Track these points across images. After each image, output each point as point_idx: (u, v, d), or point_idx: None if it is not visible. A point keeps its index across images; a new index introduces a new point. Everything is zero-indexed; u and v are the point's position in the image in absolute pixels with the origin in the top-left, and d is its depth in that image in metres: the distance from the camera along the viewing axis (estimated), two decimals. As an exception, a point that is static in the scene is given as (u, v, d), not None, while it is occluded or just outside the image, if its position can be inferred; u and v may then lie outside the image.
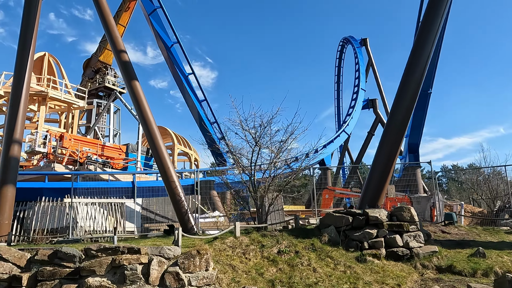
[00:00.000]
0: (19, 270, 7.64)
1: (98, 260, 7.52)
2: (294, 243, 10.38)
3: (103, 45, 43.28)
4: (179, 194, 13.59)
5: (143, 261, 7.68)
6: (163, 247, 8.07)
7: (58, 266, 7.58)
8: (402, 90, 12.34)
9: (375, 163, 12.35)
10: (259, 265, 9.38)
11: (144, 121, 14.64)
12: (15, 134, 15.87)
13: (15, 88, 16.33)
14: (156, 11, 24.12)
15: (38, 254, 7.76)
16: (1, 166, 15.62)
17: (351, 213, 11.00)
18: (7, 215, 15.20)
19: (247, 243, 10.24)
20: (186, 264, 7.87)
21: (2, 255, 7.65)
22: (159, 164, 14.11)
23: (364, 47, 55.74)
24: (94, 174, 26.48)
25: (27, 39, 16.65)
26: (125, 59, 15.64)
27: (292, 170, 13.22)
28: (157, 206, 24.09)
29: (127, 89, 15.45)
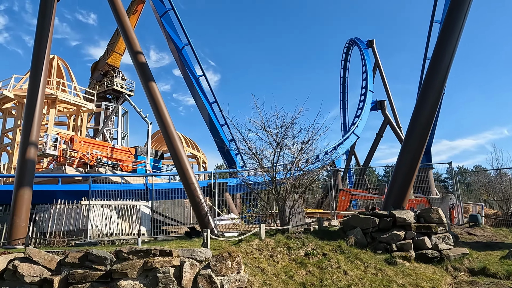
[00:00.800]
0: (50, 273, 7.52)
1: (130, 262, 7.39)
2: (321, 245, 10.21)
3: (111, 48, 43.36)
4: (199, 196, 13.45)
5: (175, 264, 7.55)
6: (194, 249, 7.93)
7: (89, 269, 7.46)
8: (426, 89, 12.18)
9: (399, 165, 12.18)
10: (288, 267, 9.22)
11: (162, 122, 14.53)
12: (31, 137, 15.83)
13: (31, 91, 16.29)
14: (167, 13, 24.11)
15: (68, 256, 7.63)
16: (18, 168, 15.58)
17: (377, 215, 10.82)
18: (24, 218, 15.14)
19: (273, 245, 10.09)
20: (218, 267, 7.72)
21: (32, 257, 7.53)
22: (178, 165, 13.98)
23: (370, 49, 55.57)
24: (105, 177, 26.45)
25: (42, 43, 16.63)
26: (141, 60, 15.57)
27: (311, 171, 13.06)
28: (167, 208, 24.01)
29: (144, 90, 15.35)
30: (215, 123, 28.72)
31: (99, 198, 17.45)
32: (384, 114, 43.80)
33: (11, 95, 31.79)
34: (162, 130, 14.59)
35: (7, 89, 31.72)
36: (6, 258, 7.64)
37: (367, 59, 52.45)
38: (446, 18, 12.70)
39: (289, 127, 11.81)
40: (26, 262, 7.48)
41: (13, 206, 15.03)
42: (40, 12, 17.17)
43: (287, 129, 11.78)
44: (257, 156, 12.38)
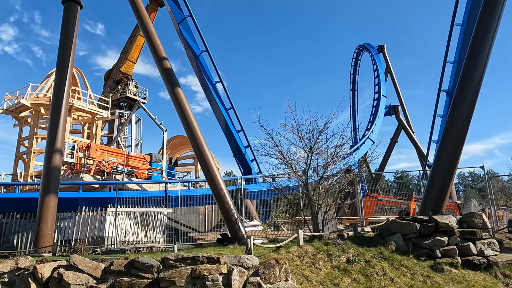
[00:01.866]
0: (95, 281, 7.35)
1: (178, 270, 7.19)
2: (362, 252, 9.93)
3: (124, 56, 43.70)
4: (228, 202, 13.25)
5: (223, 271, 7.34)
6: (241, 256, 7.71)
7: (135, 277, 7.27)
8: (461, 92, 11.93)
9: (435, 169, 11.89)
10: (331, 275, 8.96)
11: (188, 127, 14.41)
12: (56, 144, 15.81)
13: (55, 98, 16.33)
14: (185, 20, 24.21)
15: (113, 264, 7.46)
16: (43, 175, 15.54)
17: (418, 220, 10.53)
18: (50, 225, 15.05)
19: (313, 252, 9.84)
20: (267, 275, 7.49)
21: (77, 265, 7.37)
22: (206, 171, 13.82)
23: (381, 54, 55.39)
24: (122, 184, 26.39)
25: (67, 50, 16.72)
26: (166, 66, 15.54)
27: (343, 175, 12.82)
28: (182, 215, 23.80)
29: (169, 95, 15.30)
30: (231, 129, 28.60)
31: (123, 206, 17.31)
32: (398, 119, 43.43)
33: (28, 104, 32.00)
34: (189, 135, 14.47)
35: (24, 97, 31.96)
36: (51, 266, 7.49)
37: (378, 64, 52.24)
38: (479, 20, 12.50)
39: (323, 130, 11.59)
40: (71, 270, 7.32)
41: (39, 213, 14.96)
42: (63, 20, 17.30)
43: (321, 132, 11.57)
44: (288, 161, 12.16)
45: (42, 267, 7.31)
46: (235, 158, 31.56)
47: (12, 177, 32.77)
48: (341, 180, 12.36)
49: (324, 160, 12.27)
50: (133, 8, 16.72)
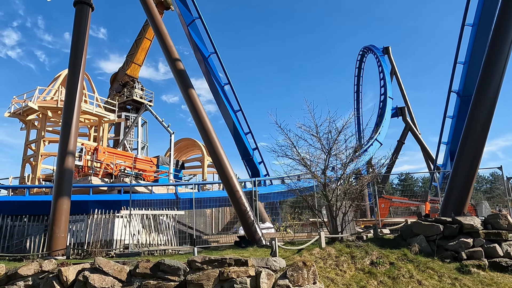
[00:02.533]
0: (121, 284, 7.21)
1: (206, 273, 7.05)
2: (385, 254, 9.77)
3: (130, 58, 43.74)
4: (244, 204, 13.10)
5: (250, 274, 7.19)
6: (268, 258, 7.57)
7: (162, 280, 7.14)
8: (481, 92, 11.78)
9: (456, 170, 11.71)
10: (357, 277, 8.80)
11: (203, 129, 14.29)
12: (69, 146, 15.72)
13: (67, 101, 16.26)
14: (194, 22, 24.17)
15: (139, 267, 7.33)
16: (56, 178, 15.45)
17: (441, 221, 10.35)
18: (63, 228, 14.93)
19: (336, 254, 9.68)
20: (295, 277, 7.34)
21: (102, 268, 7.24)
22: (222, 173, 13.68)
23: (386, 56, 55.28)
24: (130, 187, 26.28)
25: (78, 53, 16.62)
26: (180, 68, 15.46)
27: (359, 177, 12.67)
28: (189, 218, 23.65)
29: (183, 97, 15.20)
30: (239, 131, 28.51)
31: (136, 208, 17.18)
32: (405, 120, 43.23)
33: (35, 107, 32.00)
34: (204, 136, 14.34)
35: (32, 100, 31.98)
36: (75, 269, 7.36)
37: (384, 66, 52.13)
38: (498, 20, 12.37)
39: (342, 131, 11.45)
40: (96, 273, 7.19)
41: (52, 216, 14.85)
42: (75, 23, 17.24)
43: (340, 133, 11.43)
44: (306, 162, 12.02)
45: (67, 270, 7.19)
46: (243, 161, 31.45)
47: (19, 180, 32.71)
48: (359, 181, 12.20)
49: (341, 161, 12.12)
50: (145, 10, 16.67)
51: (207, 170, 38.46)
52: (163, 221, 16.96)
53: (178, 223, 21.68)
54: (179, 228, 21.36)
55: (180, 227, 21.69)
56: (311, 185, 12.80)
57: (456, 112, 26.41)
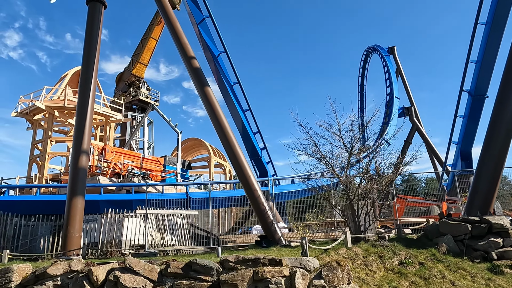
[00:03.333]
0: (152, 284, 7.04)
1: (240, 273, 6.87)
2: (413, 254, 9.59)
3: (136, 58, 43.57)
4: (263, 203, 12.93)
5: (285, 274, 7.01)
6: (302, 258, 7.40)
7: (194, 280, 6.96)
8: (505, 88, 11.58)
9: (480, 169, 11.52)
10: (387, 278, 8.62)
11: (220, 127, 14.11)
12: (82, 145, 15.57)
13: (81, 100, 16.12)
14: (204, 21, 24.03)
15: (170, 267, 7.16)
16: (70, 177, 15.29)
17: (469, 221, 10.17)
18: (78, 228, 14.75)
19: (363, 254, 9.51)
20: (330, 277, 7.16)
21: (133, 267, 7.07)
22: (239, 171, 13.49)
23: (391, 55, 55.12)
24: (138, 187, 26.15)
25: (91, 52, 16.48)
26: (195, 66, 15.30)
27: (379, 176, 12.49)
28: (197, 218, 23.51)
29: (199, 95, 15.04)
30: (248, 130, 28.34)
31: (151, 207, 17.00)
32: (412, 120, 43.03)
33: (42, 106, 31.87)
34: (221, 135, 14.17)
35: (39, 100, 31.85)
36: (105, 268, 7.19)
37: (390, 66, 51.94)
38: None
39: (365, 129, 11.27)
40: (127, 273, 7.02)
41: (66, 215, 14.68)
42: (88, 21, 17.09)
43: (363, 131, 11.25)
44: (328, 161, 11.84)
45: (97, 269, 7.02)
46: (251, 160, 31.25)
47: (26, 180, 32.55)
48: (381, 181, 12.02)
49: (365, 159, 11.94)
50: (160, 9, 16.53)
51: (214, 170, 38.31)
52: (177, 220, 16.79)
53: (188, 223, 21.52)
54: (189, 228, 21.20)
55: (188, 226, 21.53)
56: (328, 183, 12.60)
57: (467, 112, 26.22)
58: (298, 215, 18.10)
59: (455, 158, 28.48)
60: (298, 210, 19.12)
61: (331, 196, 12.50)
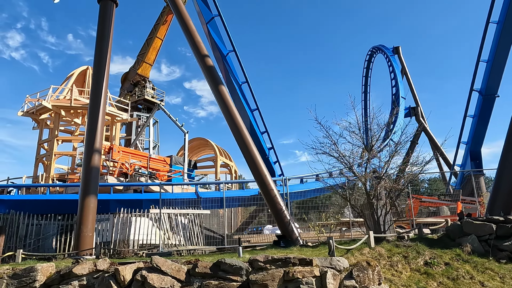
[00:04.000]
0: (180, 284, 6.90)
1: (270, 273, 6.73)
2: (438, 254, 9.44)
3: (141, 58, 43.48)
4: (280, 203, 12.78)
5: (316, 274, 6.87)
6: (332, 258, 7.25)
7: (223, 280, 6.82)
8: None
9: (502, 169, 11.37)
10: (414, 278, 8.47)
11: (234, 125, 13.98)
12: (95, 144, 15.46)
13: (93, 99, 16.00)
14: (213, 20, 23.92)
15: (198, 266, 7.02)
16: (83, 176, 15.17)
17: (493, 221, 10.02)
18: (91, 227, 14.62)
19: (387, 254, 9.36)
20: (361, 278, 7.02)
21: (160, 267, 6.94)
22: (255, 170, 13.34)
23: (396, 55, 54.93)
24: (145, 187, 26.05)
25: (103, 50, 16.35)
26: (209, 64, 15.16)
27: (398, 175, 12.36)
28: (204, 218, 23.38)
29: (213, 93, 14.91)
30: (255, 130, 28.22)
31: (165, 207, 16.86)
32: (418, 120, 42.83)
33: (49, 106, 31.77)
34: (236, 134, 14.02)
35: (46, 99, 31.75)
36: (131, 268, 7.06)
37: (395, 66, 51.78)
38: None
39: (384, 128, 11.14)
40: (154, 273, 6.89)
41: (79, 215, 14.55)
42: (99, 20, 16.96)
43: (382, 130, 11.11)
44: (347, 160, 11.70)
45: (123, 269, 6.89)
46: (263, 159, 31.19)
47: (32, 180, 32.46)
48: (399, 180, 11.88)
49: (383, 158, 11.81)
50: (173, 7, 16.39)
51: (220, 170, 38.16)
52: (190, 220, 16.66)
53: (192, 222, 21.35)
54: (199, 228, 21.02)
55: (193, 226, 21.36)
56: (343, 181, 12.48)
57: (477, 111, 26.05)
58: (301, 215, 17.86)
59: (464, 158, 28.31)
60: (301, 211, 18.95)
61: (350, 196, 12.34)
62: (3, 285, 6.99)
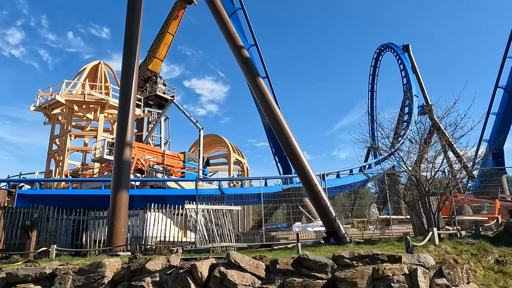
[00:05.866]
0: (260, 281, 6.48)
1: (359, 270, 6.32)
2: (507, 252, 9.04)
3: (152, 53, 42.90)
4: (325, 199, 12.37)
5: (405, 271, 6.47)
6: (419, 255, 6.86)
7: (307, 277, 6.41)
8: None
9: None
10: (489, 277, 8.08)
11: (274, 118, 13.52)
12: (126, 137, 15.03)
13: (123, 92, 15.55)
14: (236, 13, 23.46)
15: (278, 263, 6.60)
16: (114, 171, 14.73)
17: (560, 218, 9.64)
18: (123, 223, 14.22)
19: (454, 252, 8.94)
20: (452, 276, 6.63)
21: (239, 263, 6.52)
22: (297, 164, 12.89)
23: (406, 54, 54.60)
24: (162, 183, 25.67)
25: (132, 43, 15.85)
26: (245, 55, 14.73)
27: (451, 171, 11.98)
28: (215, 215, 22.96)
29: (250, 85, 14.47)
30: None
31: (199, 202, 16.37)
32: (432, 118, 42.47)
33: (62, 100, 31.29)
34: (275, 126, 13.55)
35: (59, 94, 31.24)
36: (207, 264, 6.63)
37: (406, 63, 51.52)
38: None
39: (441, 121, 10.74)
40: (233, 269, 6.47)
41: (111, 210, 14.13)
42: (128, 13, 16.44)
43: (440, 122, 10.72)
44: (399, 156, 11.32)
45: (201, 265, 6.46)
46: (275, 157, 30.81)
47: (45, 175, 31.97)
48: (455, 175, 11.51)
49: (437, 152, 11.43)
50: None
51: (233, 167, 37.76)
52: (224, 216, 16.24)
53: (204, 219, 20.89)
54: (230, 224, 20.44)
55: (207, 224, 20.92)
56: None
57: (501, 109, 25.69)
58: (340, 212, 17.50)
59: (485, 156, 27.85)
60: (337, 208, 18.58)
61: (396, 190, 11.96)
62: (69, 282, 6.56)
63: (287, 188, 20.67)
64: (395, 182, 12.13)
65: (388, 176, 12.24)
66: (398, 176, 12.11)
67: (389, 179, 12.39)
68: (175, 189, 25.38)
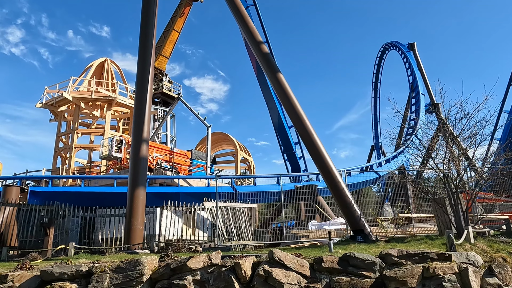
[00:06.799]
0: (305, 280, 6.27)
1: (410, 269, 6.11)
2: (545, 251, 8.83)
3: (158, 51, 42.55)
4: (349, 196, 12.15)
5: (456, 270, 6.26)
6: (469, 253, 6.66)
7: (354, 276, 6.20)
8: None
9: None
10: (531, 276, 7.86)
11: (295, 114, 13.29)
12: (143, 134, 14.79)
13: (140, 89, 15.30)
14: (248, 9, 23.22)
15: (324, 261, 6.38)
16: (131, 167, 14.49)
17: None
18: (141, 220, 14.01)
19: (490, 250, 8.74)
20: (502, 275, 6.43)
21: (283, 261, 6.30)
22: (320, 161, 12.65)
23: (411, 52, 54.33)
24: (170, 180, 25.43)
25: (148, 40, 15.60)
26: (265, 51, 14.49)
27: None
28: (227, 213, 22.73)
29: (269, 81, 14.24)
30: (284, 124, 27.57)
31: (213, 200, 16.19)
32: (439, 117, 42.25)
33: (69, 97, 31.02)
34: (297, 122, 13.32)
35: (66, 91, 30.97)
36: (249, 262, 6.42)
37: (412, 62, 51.20)
38: None
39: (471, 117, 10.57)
40: (277, 267, 6.25)
41: (129, 208, 13.91)
42: (143, 10, 16.18)
43: (469, 119, 10.56)
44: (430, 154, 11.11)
45: (244, 263, 6.24)
46: (284, 155, 30.59)
47: (51, 172, 31.72)
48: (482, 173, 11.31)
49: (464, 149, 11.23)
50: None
51: (240, 165, 37.50)
52: (240, 214, 16.01)
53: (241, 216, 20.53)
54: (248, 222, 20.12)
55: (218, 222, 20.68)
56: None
57: (514, 107, 25.58)
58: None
59: (495, 154, 27.68)
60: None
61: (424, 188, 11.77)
62: (106, 280, 6.34)
63: (300, 186, 20.46)
64: (421, 179, 11.94)
65: (418, 173, 12.02)
66: (422, 172, 11.91)
67: (416, 177, 12.18)
68: (185, 187, 25.16)
